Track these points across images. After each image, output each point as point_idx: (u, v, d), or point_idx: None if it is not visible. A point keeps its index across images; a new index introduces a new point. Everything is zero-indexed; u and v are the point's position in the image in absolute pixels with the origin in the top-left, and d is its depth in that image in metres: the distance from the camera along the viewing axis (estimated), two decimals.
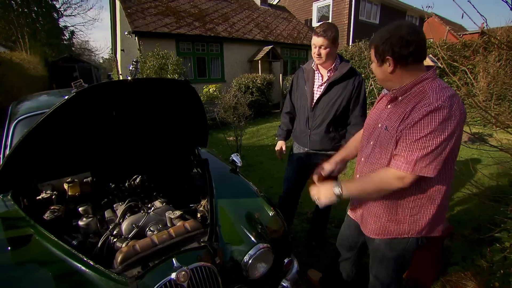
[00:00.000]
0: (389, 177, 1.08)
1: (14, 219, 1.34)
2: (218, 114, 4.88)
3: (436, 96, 1.00)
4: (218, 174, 1.82)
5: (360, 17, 11.74)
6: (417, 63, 1.06)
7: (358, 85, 1.86)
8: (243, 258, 1.31)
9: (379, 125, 1.20)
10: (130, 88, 1.33)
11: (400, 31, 1.03)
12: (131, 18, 7.75)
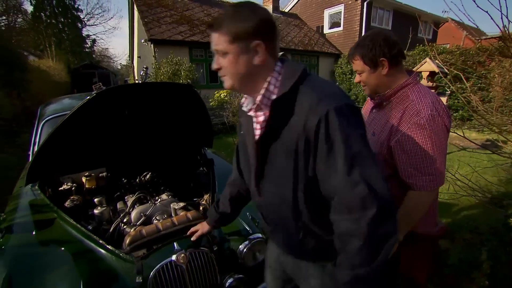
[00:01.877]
0: (427, 200, 1.10)
1: (41, 205, 1.53)
2: (227, 118, 5.07)
3: (420, 103, 1.05)
4: (221, 172, 1.96)
5: (372, 23, 11.72)
6: (401, 62, 1.13)
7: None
8: (238, 247, 1.43)
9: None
10: (140, 91, 1.50)
11: (381, 36, 1.10)
12: (148, 26, 8.15)
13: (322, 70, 11.76)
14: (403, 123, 1.06)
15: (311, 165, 0.76)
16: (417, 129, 1.03)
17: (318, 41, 12.07)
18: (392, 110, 1.13)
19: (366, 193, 0.68)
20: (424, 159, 1.04)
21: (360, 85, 1.21)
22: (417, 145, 1.04)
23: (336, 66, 11.16)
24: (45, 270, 1.14)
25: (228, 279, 1.38)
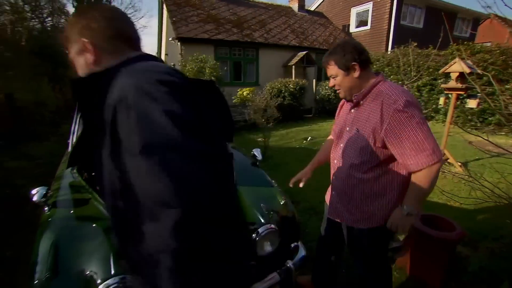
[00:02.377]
0: (435, 174, 1.16)
1: (78, 186, 1.71)
2: (249, 115, 5.17)
3: (394, 93, 1.18)
4: (240, 165, 2.05)
5: (402, 21, 11.29)
6: (369, 66, 1.29)
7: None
8: (252, 235, 1.51)
9: (347, 129, 1.36)
10: None
11: (350, 44, 1.26)
12: (176, 25, 8.46)
13: None
14: (385, 114, 1.17)
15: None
16: (398, 114, 1.14)
17: None
18: (370, 105, 1.25)
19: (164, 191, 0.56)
20: (416, 138, 1.13)
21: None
22: (404, 128, 1.14)
23: None
24: (82, 240, 1.29)
25: None
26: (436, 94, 7.88)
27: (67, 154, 2.39)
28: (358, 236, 1.41)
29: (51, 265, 1.16)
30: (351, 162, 1.32)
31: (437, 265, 1.90)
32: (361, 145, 1.26)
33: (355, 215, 1.38)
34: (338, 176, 1.42)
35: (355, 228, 1.40)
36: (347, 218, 1.42)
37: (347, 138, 1.35)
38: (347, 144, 1.35)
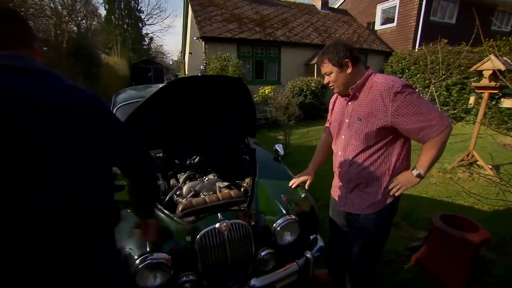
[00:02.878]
0: (445, 140, 1.25)
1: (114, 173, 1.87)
2: (271, 113, 5.24)
3: (389, 81, 1.28)
4: (262, 160, 2.14)
5: (432, 17, 10.74)
6: (360, 62, 1.39)
7: None
8: (273, 225, 1.58)
9: (347, 120, 1.43)
10: (199, 82, 1.73)
11: (341, 43, 1.36)
12: (200, 25, 8.70)
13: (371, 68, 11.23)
14: (386, 99, 1.26)
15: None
16: (398, 95, 1.23)
17: (368, 38, 11.53)
18: (369, 95, 1.34)
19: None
20: (421, 111, 1.22)
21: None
22: (408, 105, 1.23)
23: (386, 65, 10.54)
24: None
25: (261, 252, 1.55)
26: (467, 94, 7.47)
27: None
28: (364, 222, 1.48)
29: None
30: (356, 150, 1.40)
31: (458, 266, 1.87)
32: (366, 132, 1.35)
33: (362, 201, 1.46)
34: (343, 166, 1.49)
35: (362, 215, 1.48)
36: (355, 206, 1.50)
37: (349, 129, 1.43)
38: (350, 134, 1.43)
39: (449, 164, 4.44)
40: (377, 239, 1.52)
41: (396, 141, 1.36)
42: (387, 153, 1.37)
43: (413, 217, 2.85)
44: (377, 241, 1.54)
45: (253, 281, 1.53)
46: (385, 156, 1.38)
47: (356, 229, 1.55)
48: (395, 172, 1.39)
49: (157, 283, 1.30)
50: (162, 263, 1.30)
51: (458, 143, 5.85)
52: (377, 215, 1.44)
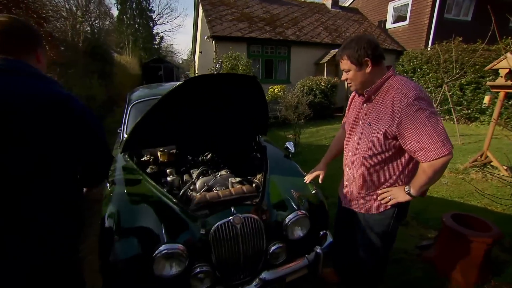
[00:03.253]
0: (440, 167, 1.20)
1: (131, 168, 1.96)
2: (280, 112, 5.27)
3: (405, 88, 1.22)
4: (273, 157, 2.17)
5: (446, 14, 10.49)
6: (382, 61, 1.31)
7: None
8: (284, 220, 1.62)
9: (360, 122, 1.41)
10: (214, 80, 1.78)
11: (364, 39, 1.27)
12: (211, 24, 8.79)
13: None
14: (396, 108, 1.22)
15: None
16: (408, 108, 1.18)
17: (379, 37, 11.39)
18: (382, 100, 1.30)
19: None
20: (425, 131, 1.17)
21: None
22: (414, 121, 1.18)
23: (397, 64, 10.39)
24: (137, 212, 1.51)
25: (272, 245, 1.59)
26: (482, 93, 7.30)
27: (118, 142, 2.69)
28: (369, 222, 1.51)
29: (116, 230, 1.39)
30: (364, 154, 1.40)
31: (469, 265, 1.86)
32: (373, 139, 1.33)
33: (367, 202, 1.49)
34: (352, 167, 1.51)
35: (367, 215, 1.51)
36: (360, 206, 1.53)
37: (360, 131, 1.42)
38: (360, 137, 1.42)
39: (461, 164, 4.37)
40: (382, 239, 1.53)
41: (405, 152, 1.32)
42: (395, 162, 1.36)
43: (424, 217, 2.84)
44: (382, 242, 1.54)
45: (264, 274, 1.58)
46: (392, 165, 1.37)
47: (361, 229, 1.57)
48: (401, 181, 1.40)
49: (173, 272, 1.36)
50: (177, 253, 1.35)
51: (471, 143, 5.74)
52: (382, 216, 1.47)
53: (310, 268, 1.70)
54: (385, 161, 1.36)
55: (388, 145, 1.32)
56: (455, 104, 7.31)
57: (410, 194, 1.33)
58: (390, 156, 1.35)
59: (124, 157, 2.11)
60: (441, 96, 6.56)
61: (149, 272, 1.33)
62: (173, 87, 1.59)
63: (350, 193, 1.57)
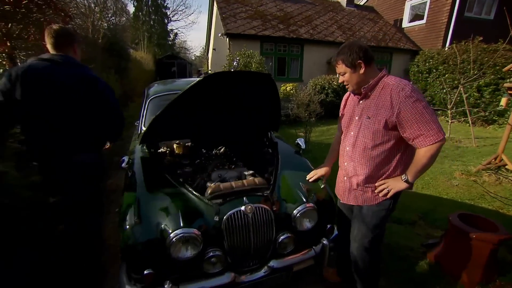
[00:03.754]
0: (435, 152, 1.33)
1: (148, 159, 2.08)
2: (292, 110, 5.32)
3: (400, 83, 1.36)
4: (284, 153, 2.25)
5: (467, 13, 10.19)
6: (373, 63, 1.46)
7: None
8: (293, 212, 1.70)
9: (356, 118, 1.53)
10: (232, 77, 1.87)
11: (356, 45, 1.43)
12: (225, 21, 8.88)
13: (395, 68, 10.93)
14: (394, 100, 1.35)
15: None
16: (407, 99, 1.32)
17: (394, 36, 11.20)
18: (379, 96, 1.43)
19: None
20: (423, 119, 1.30)
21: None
22: (412, 111, 1.31)
23: (412, 64, 10.21)
24: (155, 199, 1.62)
25: (281, 235, 1.67)
26: (501, 95, 7.10)
27: (136, 134, 2.82)
28: (367, 213, 1.59)
29: (136, 214, 1.50)
30: (364, 146, 1.50)
31: (475, 264, 1.89)
32: (374, 130, 1.44)
33: (364, 194, 1.57)
34: (350, 160, 1.59)
35: (365, 206, 1.59)
36: (357, 199, 1.61)
37: (358, 126, 1.53)
38: (358, 132, 1.53)
39: (474, 166, 4.31)
40: (376, 229, 1.60)
41: (402, 142, 1.44)
42: (393, 152, 1.46)
43: (432, 217, 2.85)
44: (377, 233, 1.61)
45: (272, 262, 1.66)
46: (391, 154, 1.47)
47: (358, 220, 1.65)
48: (399, 171, 1.49)
49: (188, 255, 1.46)
50: (193, 237, 1.45)
51: (486, 146, 5.63)
52: (380, 207, 1.55)
53: (316, 259, 1.77)
54: (384, 151, 1.46)
55: (388, 135, 1.43)
56: (471, 106, 7.15)
57: (407, 182, 1.43)
58: (389, 147, 1.45)
59: (142, 148, 2.24)
60: (457, 97, 6.44)
61: (166, 254, 1.43)
62: (192, 83, 1.67)
63: (349, 187, 1.65)
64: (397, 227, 2.70)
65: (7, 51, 2.81)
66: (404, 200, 3.10)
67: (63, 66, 1.67)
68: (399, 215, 2.85)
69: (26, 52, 3.14)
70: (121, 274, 1.56)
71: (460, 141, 5.96)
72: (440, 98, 8.29)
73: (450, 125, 6.41)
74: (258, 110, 2.29)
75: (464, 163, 4.56)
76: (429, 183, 3.82)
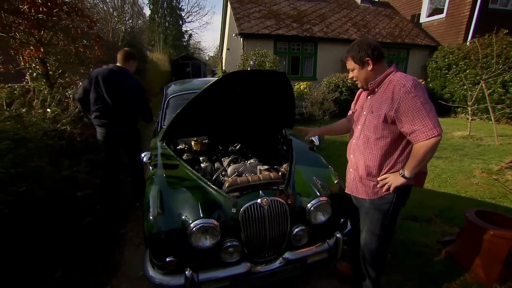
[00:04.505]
0: (431, 147, 1.35)
1: (168, 155, 2.19)
2: (306, 108, 5.34)
3: (403, 79, 1.39)
4: (298, 149, 2.30)
5: (491, 4, 9.74)
6: (382, 60, 1.49)
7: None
8: (307, 205, 1.75)
9: (364, 113, 1.57)
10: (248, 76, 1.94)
11: (365, 42, 1.47)
12: (239, 22, 8.99)
13: (413, 64, 10.66)
14: (395, 96, 1.39)
15: None
16: (407, 95, 1.35)
17: (411, 32, 10.91)
18: (384, 92, 1.47)
19: None
20: (420, 115, 1.33)
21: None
22: (410, 106, 1.34)
23: (430, 60, 9.90)
24: (176, 192, 1.72)
25: (296, 228, 1.73)
26: None
27: (156, 131, 2.97)
28: (370, 207, 1.62)
29: (159, 206, 1.60)
30: (367, 139, 1.55)
31: (492, 261, 1.87)
32: (375, 124, 1.49)
33: (368, 187, 1.60)
34: (355, 153, 1.64)
35: (368, 200, 1.63)
36: (360, 191, 1.65)
37: (364, 120, 1.59)
38: (364, 125, 1.58)
39: (496, 165, 4.18)
40: (381, 223, 1.62)
41: (404, 137, 1.46)
42: (394, 147, 1.50)
43: (448, 215, 2.81)
44: (382, 227, 1.63)
45: (287, 254, 1.72)
46: (392, 148, 1.50)
47: (364, 213, 1.69)
48: (401, 166, 1.51)
49: (207, 244, 1.55)
50: (212, 227, 1.54)
51: (511, 144, 5.41)
52: (382, 201, 1.58)
53: (330, 252, 1.82)
54: (386, 145, 1.50)
55: (388, 129, 1.47)
56: (496, 103, 6.86)
57: (404, 176, 1.45)
58: (390, 141, 1.49)
59: (162, 145, 2.36)
60: (479, 93, 6.21)
61: (187, 243, 1.53)
62: (210, 82, 1.76)
63: (353, 179, 1.70)
64: (412, 224, 2.69)
65: (41, 56, 3.03)
66: (420, 198, 3.08)
67: (120, 74, 2.73)
68: (415, 212, 2.83)
69: (56, 57, 3.36)
70: (145, 260, 1.68)
71: (482, 139, 5.76)
72: (460, 95, 8.01)
73: (470, 123, 6.20)
74: (273, 108, 2.35)
75: (485, 161, 4.42)
76: (446, 181, 3.75)
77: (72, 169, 3.08)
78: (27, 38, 2.93)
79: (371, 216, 1.64)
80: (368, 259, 1.74)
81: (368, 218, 1.67)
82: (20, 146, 2.06)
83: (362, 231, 1.74)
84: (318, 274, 2.12)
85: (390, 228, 1.68)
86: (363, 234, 1.72)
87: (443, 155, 4.87)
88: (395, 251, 2.25)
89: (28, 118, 2.56)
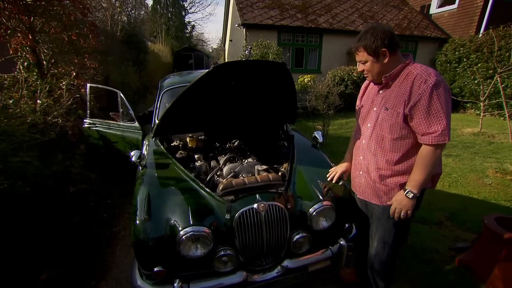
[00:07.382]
0: (437, 153, 1.24)
1: (160, 153, 2.04)
2: (310, 102, 5.14)
3: (425, 73, 1.22)
4: (301, 147, 2.14)
5: None
6: (398, 49, 1.31)
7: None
8: (308, 210, 1.60)
9: (375, 109, 1.37)
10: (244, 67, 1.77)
11: (379, 29, 1.26)
12: (242, 11, 8.71)
13: (421, 58, 10.30)
14: (414, 92, 1.22)
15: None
16: (426, 93, 1.19)
17: (420, 24, 10.53)
18: (400, 85, 1.29)
19: None
20: (435, 117, 1.20)
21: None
22: (428, 106, 1.19)
23: (439, 53, 9.55)
24: (166, 195, 1.57)
25: (296, 234, 1.58)
26: None
27: (149, 127, 2.81)
28: (383, 214, 1.46)
29: (146, 211, 1.46)
30: (381, 139, 1.36)
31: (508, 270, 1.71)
32: (391, 123, 1.32)
33: (380, 192, 1.44)
34: (366, 154, 1.46)
35: (380, 206, 1.46)
36: (373, 196, 1.48)
37: (375, 118, 1.39)
38: (375, 124, 1.39)
39: (510, 164, 3.97)
40: (395, 230, 1.48)
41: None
42: (411, 149, 1.33)
43: (460, 218, 2.64)
44: (396, 233, 1.49)
45: (287, 262, 1.58)
46: (410, 151, 1.34)
47: (375, 220, 1.53)
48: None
49: (198, 253, 1.41)
50: (203, 235, 1.39)
51: None
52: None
53: (333, 260, 1.67)
54: (402, 147, 1.34)
55: (406, 129, 1.30)
56: (509, 98, 6.58)
57: (414, 196, 1.30)
58: (408, 142, 1.32)
59: (155, 142, 2.20)
60: (491, 88, 5.93)
61: (176, 252, 1.39)
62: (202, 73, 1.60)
63: (364, 183, 1.52)
64: (421, 227, 2.53)
65: (30, 44, 2.86)
66: (429, 198, 2.91)
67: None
68: (423, 213, 2.67)
69: (48, 46, 3.19)
70: (133, 268, 1.55)
71: (494, 136, 5.53)
72: (471, 90, 7.71)
73: (482, 119, 5.95)
74: (273, 102, 2.18)
75: (499, 160, 4.21)
76: (457, 181, 3.56)
77: (65, 163, 2.96)
78: (15, 25, 2.75)
79: (384, 223, 1.48)
80: (377, 269, 1.59)
81: (380, 226, 1.51)
82: (1, 140, 1.92)
83: (373, 240, 1.58)
84: (320, 280, 1.98)
85: (403, 236, 1.53)
86: (375, 243, 1.56)
87: (453, 152, 4.66)
88: (402, 256, 2.10)
89: (14, 110, 2.41)
